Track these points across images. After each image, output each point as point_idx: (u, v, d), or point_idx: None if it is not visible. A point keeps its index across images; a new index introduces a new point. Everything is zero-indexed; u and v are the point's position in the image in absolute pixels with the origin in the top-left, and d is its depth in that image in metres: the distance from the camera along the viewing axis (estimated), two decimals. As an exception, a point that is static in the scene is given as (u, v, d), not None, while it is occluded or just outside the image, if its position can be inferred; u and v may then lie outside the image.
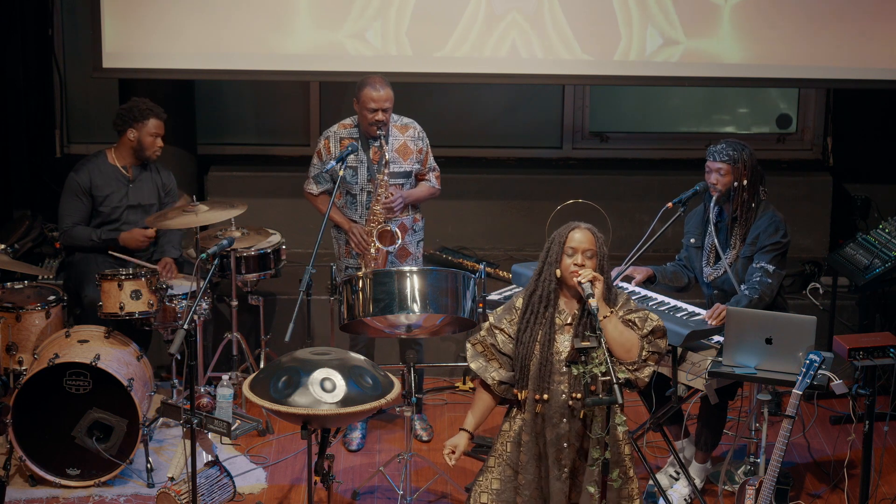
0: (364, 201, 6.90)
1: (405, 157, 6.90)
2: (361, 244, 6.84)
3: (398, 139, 6.90)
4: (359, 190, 6.90)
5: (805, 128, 8.95)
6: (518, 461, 5.14)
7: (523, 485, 5.13)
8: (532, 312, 5.07)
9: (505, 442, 5.18)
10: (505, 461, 5.17)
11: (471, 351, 5.20)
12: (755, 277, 6.19)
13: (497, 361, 5.14)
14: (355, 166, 6.87)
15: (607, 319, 5.02)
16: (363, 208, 6.90)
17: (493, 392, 5.18)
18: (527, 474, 5.12)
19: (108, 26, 7.67)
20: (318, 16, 7.72)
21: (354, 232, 6.86)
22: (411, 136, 6.93)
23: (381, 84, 6.78)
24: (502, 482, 5.17)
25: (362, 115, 6.82)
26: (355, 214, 6.94)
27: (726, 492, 6.45)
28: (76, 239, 7.25)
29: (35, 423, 6.47)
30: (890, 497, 6.49)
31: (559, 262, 5.05)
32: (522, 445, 5.12)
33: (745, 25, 7.73)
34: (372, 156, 6.87)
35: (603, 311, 5.02)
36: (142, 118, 7.21)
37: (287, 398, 5.40)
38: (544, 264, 5.09)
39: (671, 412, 6.27)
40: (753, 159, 6.29)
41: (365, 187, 6.89)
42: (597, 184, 8.56)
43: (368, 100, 6.76)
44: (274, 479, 6.69)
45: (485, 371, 5.15)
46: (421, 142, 6.96)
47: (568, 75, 7.90)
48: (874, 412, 5.82)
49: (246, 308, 7.48)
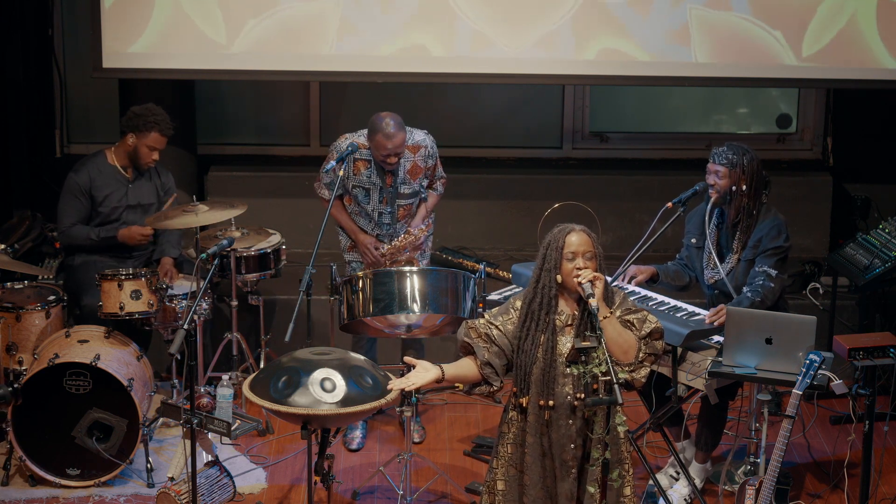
0: (377, 220, 6.92)
1: (414, 178, 6.90)
2: (374, 262, 6.86)
3: (409, 160, 6.88)
4: (371, 209, 6.91)
5: (805, 128, 8.95)
6: (521, 462, 5.14)
7: (529, 485, 5.12)
8: (532, 320, 5.06)
9: (505, 444, 5.17)
10: (507, 462, 5.17)
11: (464, 329, 5.15)
12: (758, 281, 6.19)
13: (487, 350, 5.11)
14: (368, 187, 6.87)
15: (607, 320, 5.01)
16: (375, 225, 6.93)
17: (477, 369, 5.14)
18: (532, 475, 5.11)
19: (108, 26, 7.67)
20: (318, 16, 7.71)
21: (368, 250, 6.88)
22: (422, 155, 6.90)
23: (395, 127, 6.67)
24: (506, 482, 5.17)
25: (375, 156, 6.77)
26: (367, 225, 6.96)
27: (726, 492, 6.45)
28: (75, 238, 7.25)
29: (35, 423, 6.47)
30: (890, 497, 6.50)
31: (559, 267, 5.04)
32: (527, 447, 5.11)
33: (746, 25, 7.72)
34: (387, 179, 6.86)
35: (603, 312, 5.01)
36: (145, 128, 7.17)
37: (287, 398, 5.40)
38: (542, 270, 5.07)
39: (671, 412, 6.27)
40: (755, 164, 6.25)
41: (377, 208, 6.90)
42: (597, 184, 8.56)
43: (381, 146, 6.69)
44: (274, 479, 6.69)
45: (477, 348, 5.11)
46: (430, 159, 6.94)
47: (568, 75, 7.90)
48: (874, 412, 5.82)
49: (246, 308, 7.48)
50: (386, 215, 6.91)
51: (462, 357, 5.17)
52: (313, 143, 8.84)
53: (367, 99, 8.45)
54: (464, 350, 5.16)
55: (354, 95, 8.70)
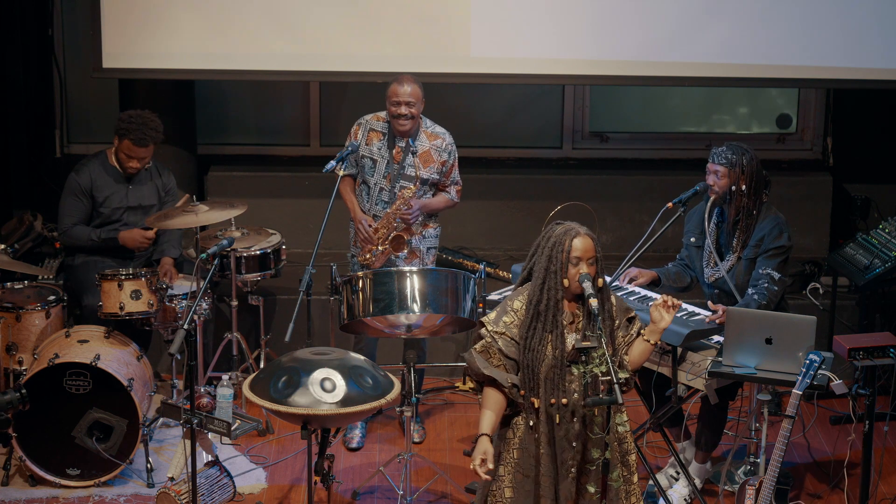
0: (376, 196, 6.90)
1: (425, 165, 6.89)
2: (367, 239, 6.84)
3: (424, 144, 6.89)
4: (373, 183, 6.90)
5: (805, 128, 8.95)
6: (530, 465, 5.11)
7: (546, 486, 5.09)
8: (539, 320, 5.05)
9: (511, 449, 5.14)
10: (514, 468, 5.13)
11: (480, 360, 5.09)
12: (762, 283, 6.19)
13: (504, 367, 5.10)
14: (376, 159, 6.88)
15: (632, 346, 5.20)
16: (373, 203, 6.90)
17: (505, 394, 5.12)
18: (548, 475, 5.10)
19: (108, 26, 7.67)
20: (318, 15, 7.71)
21: (362, 226, 6.86)
22: (438, 146, 6.91)
23: (409, 81, 6.84)
24: (514, 489, 5.12)
25: (389, 111, 6.85)
26: (365, 204, 6.94)
27: (726, 492, 6.45)
28: (76, 238, 7.25)
29: (35, 423, 6.47)
30: (890, 497, 6.50)
31: (565, 271, 5.05)
32: (541, 448, 5.09)
33: (745, 25, 7.72)
34: (395, 154, 6.87)
35: (651, 337, 5.21)
36: (118, 133, 7.12)
37: (287, 398, 5.41)
38: (548, 273, 5.06)
39: (671, 412, 6.27)
40: (755, 165, 6.25)
41: (379, 182, 6.89)
42: (597, 184, 8.56)
43: (392, 93, 6.81)
44: (274, 479, 6.69)
45: (500, 377, 5.08)
46: (447, 154, 6.94)
47: (568, 75, 7.90)
48: (874, 412, 5.81)
49: (246, 308, 7.48)
50: (385, 192, 6.88)
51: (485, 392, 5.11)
52: (313, 143, 8.84)
53: (367, 99, 8.44)
54: (482, 379, 5.11)
55: (354, 95, 8.70)
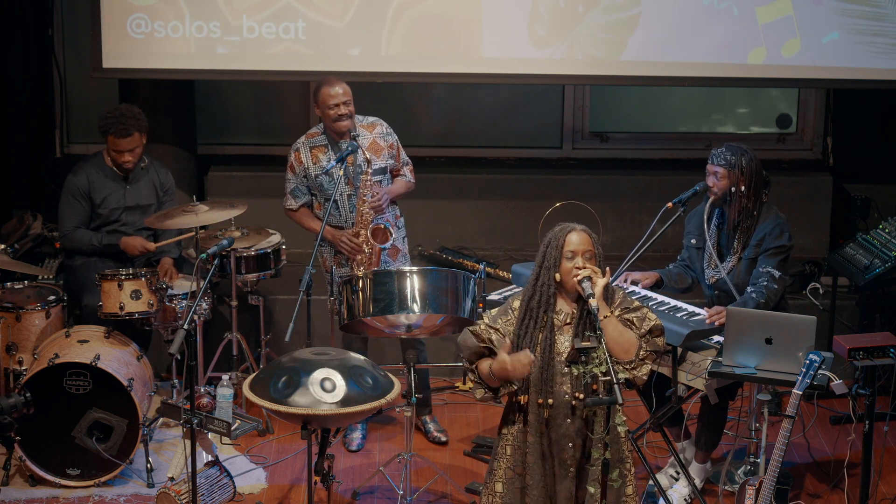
0: (347, 204, 6.87)
1: (378, 154, 6.88)
2: (354, 248, 6.80)
3: (367, 138, 6.88)
4: (339, 193, 6.85)
5: (805, 128, 8.95)
6: (520, 462, 5.13)
7: (531, 485, 5.12)
8: (531, 318, 5.06)
9: (504, 445, 5.17)
10: (506, 463, 5.17)
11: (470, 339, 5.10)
12: (762, 281, 6.18)
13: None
14: (331, 172, 6.84)
15: (607, 320, 5.01)
16: (347, 212, 6.87)
17: None
18: (534, 475, 5.11)
19: (108, 26, 7.67)
20: (318, 15, 7.71)
21: (343, 240, 6.82)
22: (380, 132, 6.91)
23: (337, 82, 6.81)
24: (504, 484, 5.17)
25: (325, 116, 6.80)
26: (340, 220, 6.91)
27: (726, 492, 6.45)
28: (77, 242, 7.24)
29: (35, 423, 6.46)
30: (890, 497, 6.50)
31: (558, 266, 5.04)
32: (528, 446, 5.10)
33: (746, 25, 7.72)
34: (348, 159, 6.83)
35: (603, 311, 5.01)
36: (102, 133, 7.11)
37: (287, 398, 5.41)
38: (541, 269, 5.07)
39: (671, 412, 6.26)
40: (754, 165, 6.25)
41: (345, 191, 6.85)
42: (597, 184, 8.56)
43: (327, 97, 6.77)
44: (274, 479, 6.69)
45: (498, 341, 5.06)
46: (391, 136, 6.94)
47: (568, 75, 7.90)
48: (874, 412, 5.81)
49: (246, 308, 7.48)
50: (354, 197, 6.86)
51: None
52: (313, 143, 8.84)
53: (367, 99, 8.44)
54: (476, 356, 5.12)
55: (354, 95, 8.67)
